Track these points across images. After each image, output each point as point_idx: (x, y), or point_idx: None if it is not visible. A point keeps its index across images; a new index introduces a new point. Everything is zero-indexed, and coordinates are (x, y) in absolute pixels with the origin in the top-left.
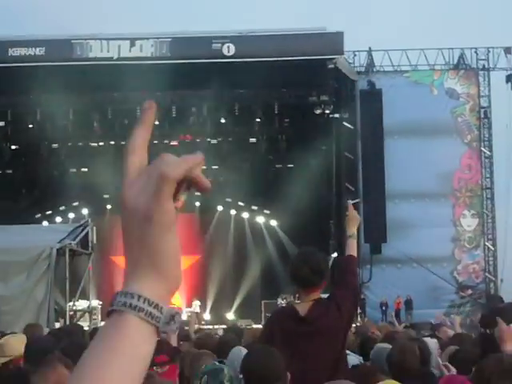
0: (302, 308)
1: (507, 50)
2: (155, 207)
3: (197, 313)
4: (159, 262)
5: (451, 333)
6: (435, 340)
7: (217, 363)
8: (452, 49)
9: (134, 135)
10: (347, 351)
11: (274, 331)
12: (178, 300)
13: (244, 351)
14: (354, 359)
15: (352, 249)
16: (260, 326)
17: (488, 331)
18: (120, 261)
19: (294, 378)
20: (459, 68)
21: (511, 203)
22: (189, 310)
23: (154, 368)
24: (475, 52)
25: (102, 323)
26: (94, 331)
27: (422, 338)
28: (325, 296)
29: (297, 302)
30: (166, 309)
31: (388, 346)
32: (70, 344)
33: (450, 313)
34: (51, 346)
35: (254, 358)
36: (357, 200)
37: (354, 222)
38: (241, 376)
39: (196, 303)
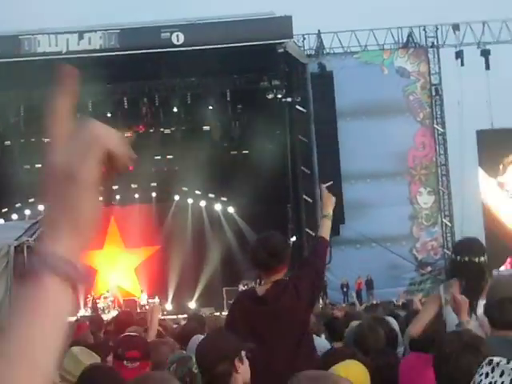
0: (262, 289)
1: (455, 27)
2: (81, 166)
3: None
4: (76, 218)
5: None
6: (395, 320)
7: (184, 352)
8: (401, 28)
9: (56, 105)
10: (314, 335)
11: (235, 315)
12: (139, 291)
13: None
14: (321, 342)
15: (325, 229)
16: (223, 314)
17: (458, 258)
18: None
19: (255, 359)
20: (409, 46)
21: (466, 179)
22: (151, 301)
23: (124, 362)
24: (424, 30)
25: None
26: None
27: (385, 317)
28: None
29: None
30: (80, 265)
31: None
32: None
33: (410, 290)
34: None
35: (200, 343)
36: (330, 183)
37: (329, 202)
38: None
39: (155, 300)
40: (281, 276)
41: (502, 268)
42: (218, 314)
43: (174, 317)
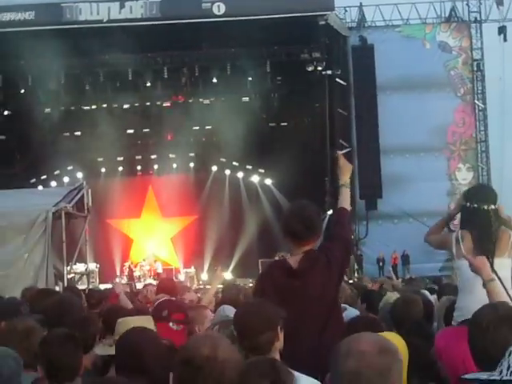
0: (293, 261)
1: (499, 2)
2: None
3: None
4: None
5: None
6: (433, 296)
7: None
8: (443, 1)
9: None
10: (345, 305)
11: (266, 285)
12: (176, 261)
13: None
14: (353, 313)
15: (344, 199)
16: None
17: (468, 204)
18: (115, 223)
19: (286, 329)
20: (451, 21)
21: (506, 156)
22: (186, 270)
23: (170, 324)
24: (467, 4)
25: (100, 286)
26: (90, 292)
27: (423, 292)
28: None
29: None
30: None
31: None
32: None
33: (447, 267)
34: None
35: (242, 311)
36: (347, 150)
37: (345, 170)
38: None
39: (191, 270)
40: (311, 247)
41: None
42: (251, 285)
43: (209, 287)
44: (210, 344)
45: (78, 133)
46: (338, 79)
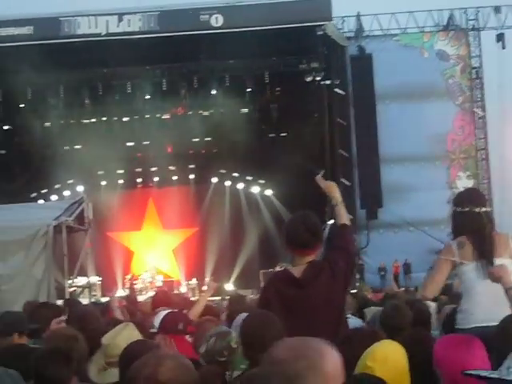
0: (297, 271)
1: (497, 9)
2: None
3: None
4: None
5: None
6: (434, 303)
7: (224, 327)
8: (441, 10)
9: None
10: (348, 315)
11: (270, 296)
12: (178, 273)
13: None
14: (354, 322)
15: (342, 217)
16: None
17: (459, 209)
18: (116, 236)
19: None
20: (449, 29)
21: (506, 163)
22: (188, 282)
23: (187, 337)
24: (464, 12)
25: (102, 299)
26: (93, 305)
27: (420, 299)
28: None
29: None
30: None
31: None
32: None
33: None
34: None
35: (249, 322)
36: (322, 171)
37: (332, 189)
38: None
39: (193, 282)
40: (314, 257)
41: None
42: (252, 296)
43: (211, 298)
44: (153, 363)
45: (78, 146)
46: (336, 89)
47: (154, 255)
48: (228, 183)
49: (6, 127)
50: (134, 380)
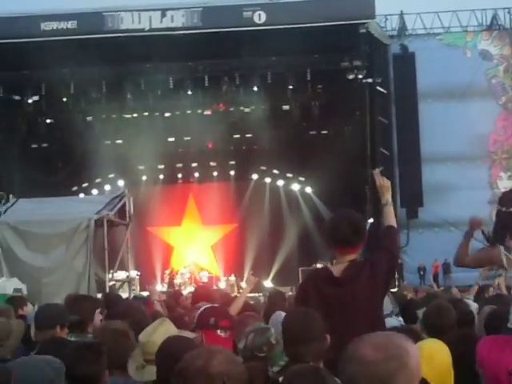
0: (337, 269)
1: None
2: None
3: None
4: None
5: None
6: (475, 304)
7: (262, 323)
8: (485, 9)
9: None
10: (388, 312)
11: (309, 293)
12: (216, 269)
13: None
14: (393, 322)
15: (389, 217)
16: None
17: (504, 209)
18: (156, 231)
19: (331, 338)
20: (492, 29)
21: None
22: (227, 278)
23: (218, 332)
24: (508, 12)
25: (141, 293)
26: (134, 299)
27: (464, 300)
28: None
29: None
30: None
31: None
32: None
33: (488, 275)
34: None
35: (291, 319)
36: (381, 168)
37: (384, 189)
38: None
39: (232, 277)
40: (355, 256)
41: None
42: (290, 293)
43: (249, 295)
44: (205, 357)
45: (120, 141)
46: (378, 87)
47: (194, 251)
48: (268, 180)
49: (48, 121)
50: (185, 371)
